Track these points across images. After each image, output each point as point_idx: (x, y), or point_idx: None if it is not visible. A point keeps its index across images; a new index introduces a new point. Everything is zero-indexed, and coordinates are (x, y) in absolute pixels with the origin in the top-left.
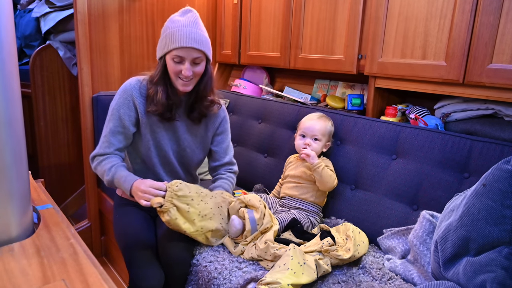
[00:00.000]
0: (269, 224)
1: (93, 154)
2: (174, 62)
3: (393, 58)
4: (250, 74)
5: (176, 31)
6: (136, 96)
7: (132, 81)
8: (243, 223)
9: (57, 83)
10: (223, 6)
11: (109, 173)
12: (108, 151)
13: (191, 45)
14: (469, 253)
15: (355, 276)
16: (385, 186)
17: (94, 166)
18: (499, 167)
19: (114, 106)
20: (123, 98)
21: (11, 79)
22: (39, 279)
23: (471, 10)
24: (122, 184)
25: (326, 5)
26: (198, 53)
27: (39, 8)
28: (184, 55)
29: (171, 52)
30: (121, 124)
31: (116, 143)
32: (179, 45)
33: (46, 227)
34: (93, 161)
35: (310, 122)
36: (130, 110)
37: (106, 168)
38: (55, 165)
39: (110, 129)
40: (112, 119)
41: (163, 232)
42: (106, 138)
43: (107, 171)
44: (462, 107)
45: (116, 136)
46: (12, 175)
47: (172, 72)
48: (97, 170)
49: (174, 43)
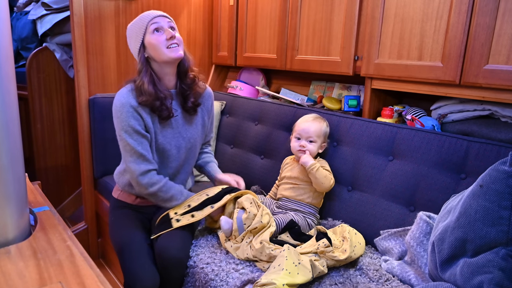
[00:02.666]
0: (259, 224)
1: (136, 174)
2: (155, 34)
3: (390, 59)
4: (246, 75)
5: (142, 14)
6: (135, 105)
7: (123, 93)
8: (231, 223)
9: (54, 85)
10: (219, 8)
11: (179, 194)
12: (148, 164)
13: (161, 14)
14: (466, 254)
15: (352, 277)
16: (381, 187)
17: (145, 187)
18: (496, 168)
19: (122, 124)
20: (125, 113)
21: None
22: (36, 281)
23: (467, 11)
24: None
25: (322, 6)
26: (170, 21)
27: (36, 10)
28: (159, 21)
29: (149, 26)
30: (141, 135)
31: (146, 153)
32: (152, 16)
33: (43, 229)
34: (142, 181)
35: (305, 124)
36: (137, 120)
37: (174, 192)
38: (51, 167)
39: (134, 145)
40: (128, 136)
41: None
42: (137, 154)
43: (177, 193)
44: (458, 108)
45: (143, 147)
46: (9, 177)
47: (157, 45)
48: (152, 194)
49: (147, 18)
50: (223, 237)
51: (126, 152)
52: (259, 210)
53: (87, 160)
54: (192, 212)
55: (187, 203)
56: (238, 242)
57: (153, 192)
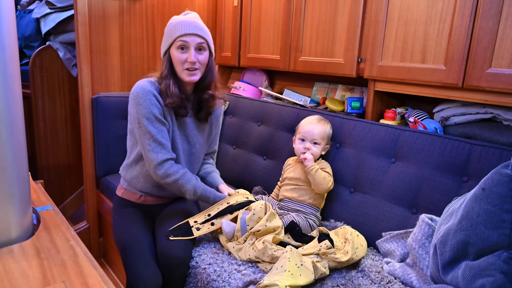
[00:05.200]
0: (262, 227)
1: (154, 163)
2: (179, 52)
3: (393, 61)
4: (249, 76)
5: (179, 22)
6: (157, 94)
7: (145, 82)
8: (233, 225)
9: (57, 84)
10: (223, 8)
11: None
12: (165, 153)
13: (194, 32)
14: (468, 257)
15: (354, 279)
16: (384, 190)
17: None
18: (498, 171)
19: (143, 111)
20: (148, 100)
21: (12, 81)
22: (39, 281)
23: (470, 14)
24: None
25: (326, 8)
26: (201, 39)
27: (39, 9)
28: (188, 40)
29: (176, 41)
30: (161, 122)
31: (166, 142)
32: (183, 32)
33: (46, 228)
34: (159, 170)
35: (309, 126)
36: (158, 108)
37: (187, 188)
38: (54, 166)
39: (154, 132)
40: (149, 123)
41: (162, 233)
42: (157, 142)
43: (190, 191)
44: (461, 111)
45: (163, 135)
46: (13, 176)
47: (178, 62)
48: (168, 184)
49: (178, 31)
50: (223, 240)
51: (145, 140)
52: (266, 214)
53: (89, 159)
54: (212, 220)
55: (207, 211)
56: (241, 243)
57: (168, 182)
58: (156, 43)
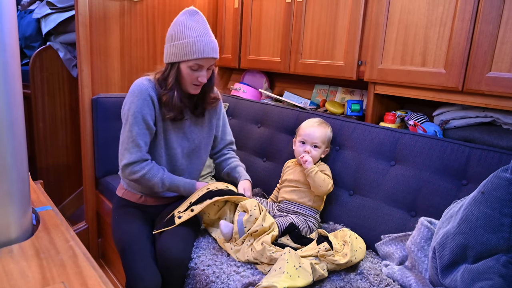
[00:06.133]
0: (259, 227)
1: (125, 162)
2: (191, 70)
3: (393, 64)
4: (249, 78)
5: (197, 41)
6: (153, 96)
7: (144, 81)
8: (231, 226)
9: (57, 84)
10: (224, 10)
11: (161, 186)
12: (140, 155)
13: (211, 56)
14: (467, 260)
15: (353, 281)
16: (383, 192)
17: (128, 174)
18: (497, 175)
19: (134, 109)
20: (142, 100)
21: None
22: (39, 281)
23: (470, 18)
24: (183, 192)
25: (326, 11)
26: (214, 61)
27: (40, 9)
28: (204, 64)
29: (191, 61)
30: (146, 126)
31: (144, 145)
32: (201, 56)
33: (45, 229)
34: (126, 169)
35: (310, 129)
36: (151, 110)
37: (155, 181)
38: (53, 166)
39: (136, 133)
40: (135, 123)
41: (161, 234)
42: (134, 143)
43: (158, 184)
44: (461, 114)
45: (143, 138)
46: (13, 176)
47: (187, 78)
48: (135, 180)
49: (196, 53)
50: (221, 241)
51: (125, 138)
52: (261, 214)
53: (89, 160)
54: (192, 206)
55: (189, 200)
56: (239, 245)
57: (135, 179)
58: (156, 44)
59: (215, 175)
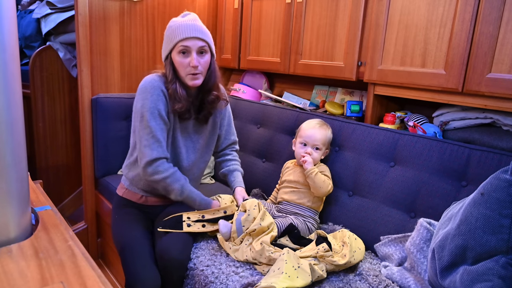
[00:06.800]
0: (257, 226)
1: (147, 160)
2: (181, 56)
3: (393, 65)
4: (249, 78)
5: (179, 25)
6: (165, 91)
7: (155, 77)
8: (229, 226)
9: (57, 84)
10: (224, 11)
11: (179, 194)
12: (162, 152)
13: (195, 35)
14: (466, 261)
15: (352, 282)
16: (382, 193)
17: (150, 174)
18: (497, 176)
19: (150, 105)
20: (155, 95)
21: (13, 81)
22: (38, 281)
23: (471, 19)
24: (197, 207)
25: (326, 11)
26: (202, 42)
27: (40, 9)
28: (189, 44)
29: (177, 45)
30: (163, 120)
31: (163, 141)
32: (183, 36)
33: (44, 228)
34: (149, 167)
35: (311, 130)
36: (164, 105)
37: (175, 187)
38: (52, 166)
39: (155, 128)
40: (153, 118)
41: (161, 235)
42: (155, 138)
43: (177, 191)
44: (460, 115)
45: (162, 134)
46: (12, 176)
47: (180, 67)
48: (156, 181)
49: (179, 35)
50: (222, 240)
51: (144, 134)
52: (260, 213)
53: (88, 160)
54: (204, 222)
55: (202, 212)
56: (237, 244)
57: (156, 180)
58: (156, 44)
59: (214, 175)
